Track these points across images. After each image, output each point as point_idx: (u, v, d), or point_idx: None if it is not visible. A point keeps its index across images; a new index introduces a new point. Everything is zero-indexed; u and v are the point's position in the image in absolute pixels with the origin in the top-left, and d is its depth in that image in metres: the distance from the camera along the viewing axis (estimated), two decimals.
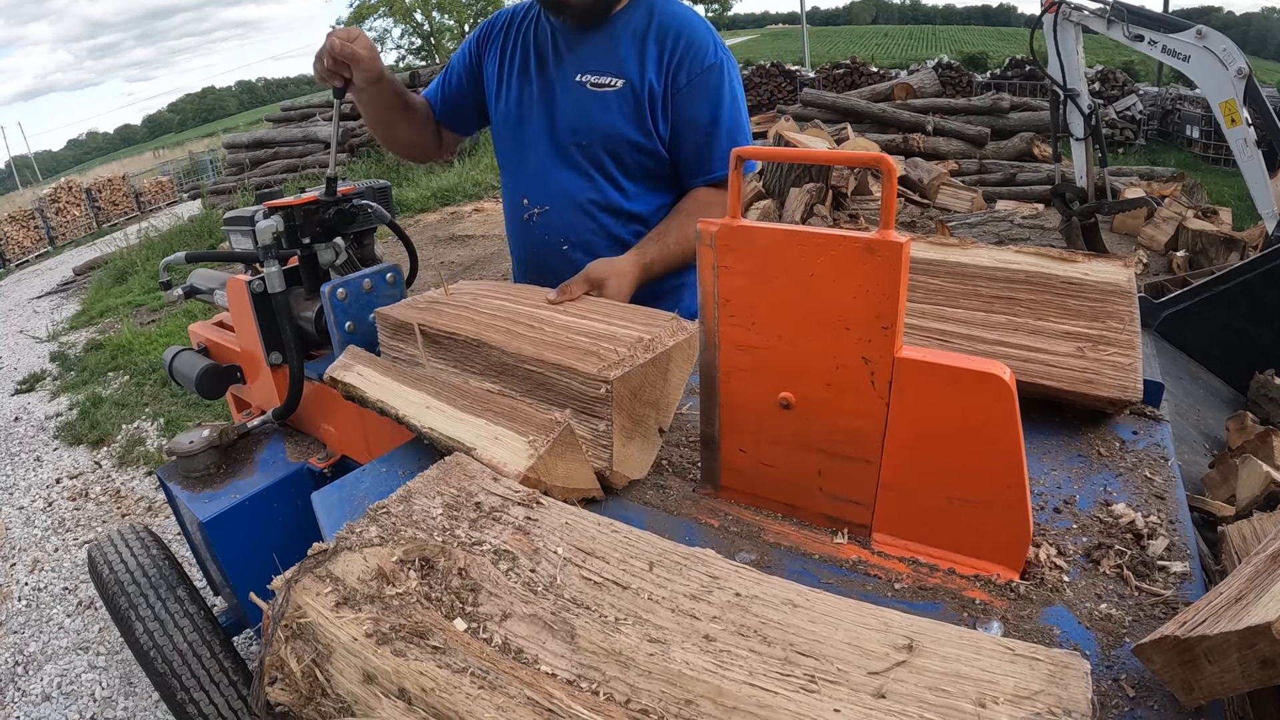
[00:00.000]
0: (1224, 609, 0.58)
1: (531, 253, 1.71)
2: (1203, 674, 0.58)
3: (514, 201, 1.71)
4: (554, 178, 1.63)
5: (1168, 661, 0.60)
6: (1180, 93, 13.23)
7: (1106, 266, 1.10)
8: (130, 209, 17.98)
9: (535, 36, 1.64)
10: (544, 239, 1.67)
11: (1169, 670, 0.60)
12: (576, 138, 1.59)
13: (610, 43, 1.56)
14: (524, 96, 1.64)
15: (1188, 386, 1.66)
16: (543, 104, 1.61)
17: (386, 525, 0.75)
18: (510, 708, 0.55)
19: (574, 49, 1.59)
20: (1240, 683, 0.56)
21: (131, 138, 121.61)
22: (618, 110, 1.56)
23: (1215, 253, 5.32)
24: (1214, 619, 0.58)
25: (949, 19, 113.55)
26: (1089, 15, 4.36)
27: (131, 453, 4.23)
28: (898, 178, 0.73)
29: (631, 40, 1.55)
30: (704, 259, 0.87)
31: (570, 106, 1.58)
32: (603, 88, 1.56)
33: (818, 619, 0.62)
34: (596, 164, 1.60)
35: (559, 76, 1.60)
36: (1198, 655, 0.57)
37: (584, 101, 1.57)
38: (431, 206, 10.47)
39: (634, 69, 1.54)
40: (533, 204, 1.67)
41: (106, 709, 2.37)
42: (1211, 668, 0.57)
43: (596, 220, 1.63)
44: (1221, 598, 0.60)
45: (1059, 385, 1.04)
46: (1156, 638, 0.61)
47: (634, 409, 0.99)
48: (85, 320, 7.83)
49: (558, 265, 1.65)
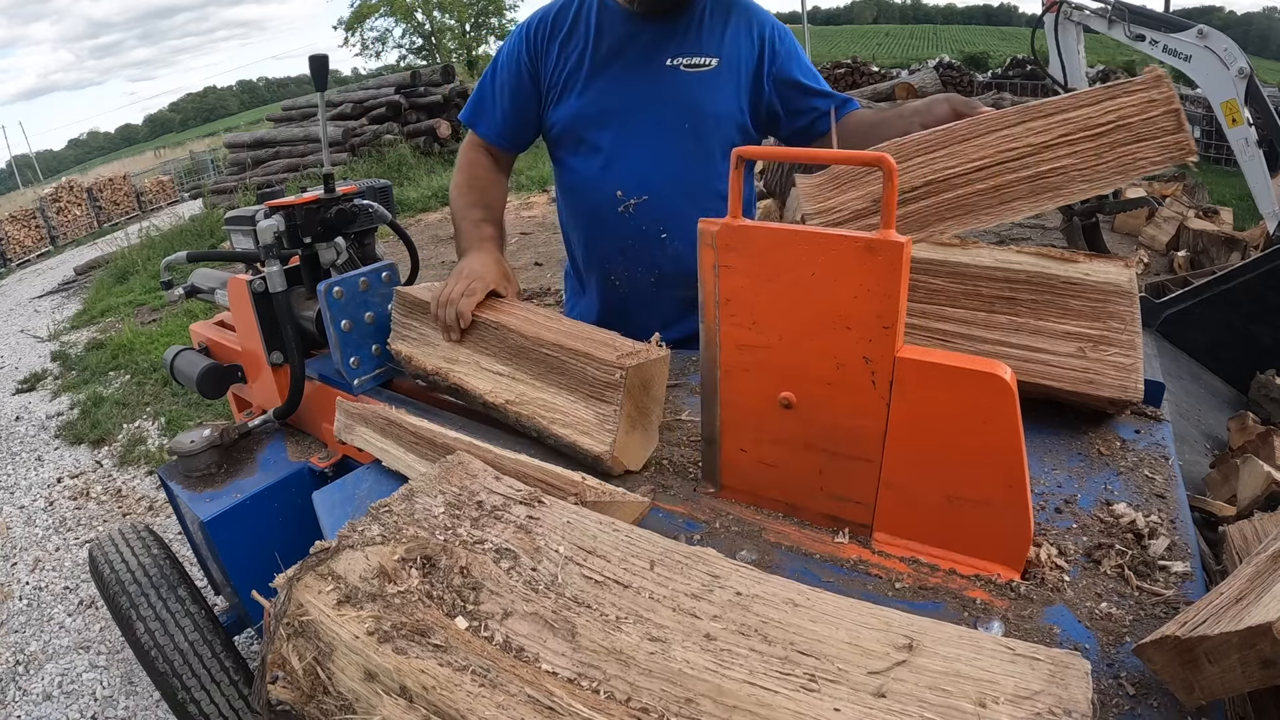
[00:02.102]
0: (1225, 609, 0.58)
1: (625, 246, 1.65)
2: (1203, 674, 0.58)
3: (601, 197, 1.63)
4: (657, 166, 1.58)
5: (1168, 661, 0.60)
6: (1181, 92, 13.21)
7: (1107, 267, 1.10)
8: (131, 208, 17.98)
9: (600, 29, 1.58)
10: (640, 230, 1.62)
11: (1169, 670, 0.60)
12: (684, 121, 1.56)
13: (688, 26, 1.56)
14: (610, 89, 1.57)
15: (1189, 387, 1.66)
16: (636, 93, 1.56)
17: (388, 524, 0.75)
18: (511, 706, 0.55)
19: (652, 36, 1.56)
20: (1241, 683, 0.56)
21: (133, 137, 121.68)
22: (720, 88, 1.56)
23: (1216, 253, 5.32)
24: (1214, 619, 0.58)
25: (950, 19, 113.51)
26: (1090, 15, 4.36)
27: (132, 452, 4.23)
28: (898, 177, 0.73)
29: (708, 21, 1.56)
30: (704, 259, 0.87)
31: (671, 91, 1.55)
32: (699, 68, 1.55)
33: (818, 618, 0.62)
34: (704, 146, 1.58)
35: (647, 65, 1.56)
36: (1198, 655, 0.57)
37: (685, 84, 1.55)
38: (432, 206, 10.47)
39: (727, 47, 1.55)
40: (628, 195, 1.60)
41: (107, 708, 2.37)
42: (1212, 668, 0.57)
43: (701, 204, 1.59)
44: (1222, 598, 0.60)
45: (1060, 385, 1.04)
46: (1157, 638, 0.61)
47: (640, 400, 1.03)
48: (86, 320, 7.84)
49: (655, 256, 1.63)
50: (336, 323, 1.40)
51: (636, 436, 1.04)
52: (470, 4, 34.65)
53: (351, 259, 1.59)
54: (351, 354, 1.43)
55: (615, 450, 1.00)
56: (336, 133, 12.67)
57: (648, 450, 1.07)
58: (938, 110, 1.34)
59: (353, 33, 35.40)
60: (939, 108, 1.34)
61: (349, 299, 1.41)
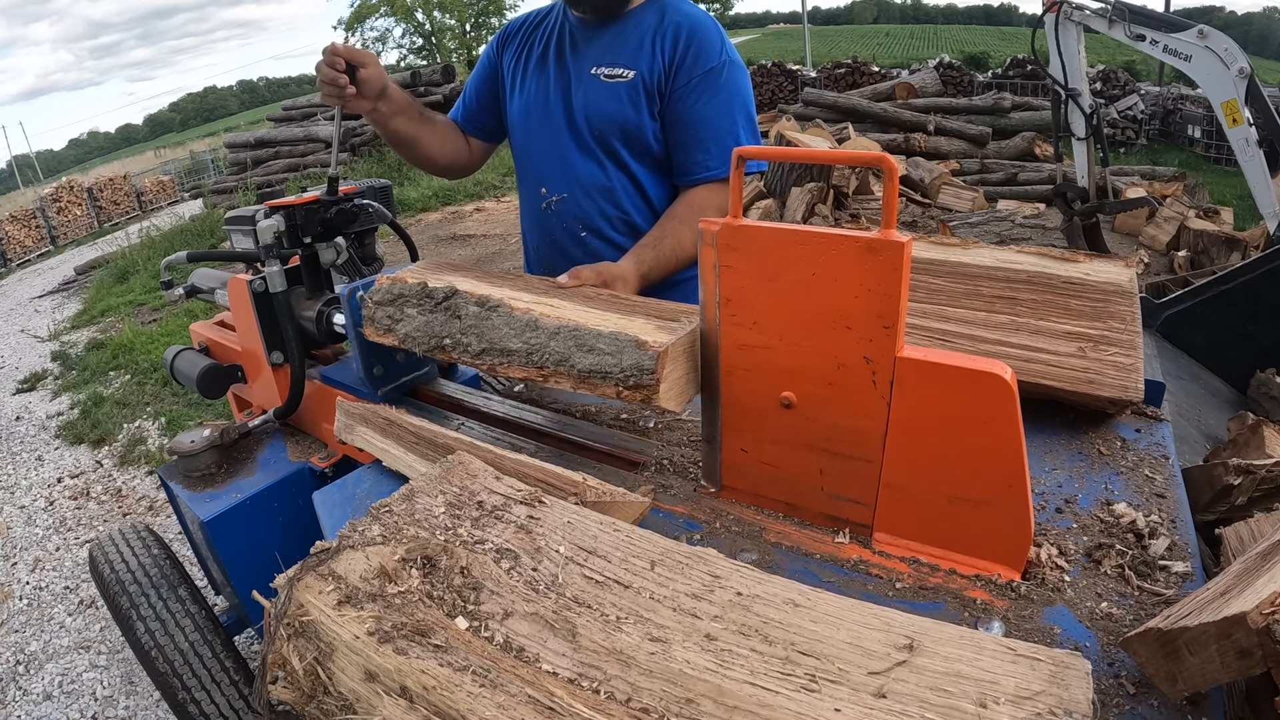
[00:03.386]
0: (1208, 603, 0.59)
1: (549, 241, 1.76)
2: (1184, 665, 0.58)
3: (532, 191, 1.76)
4: (571, 166, 1.68)
5: (1152, 654, 0.61)
6: (1182, 92, 13.22)
7: (1108, 266, 1.10)
8: (131, 208, 17.97)
9: (554, 34, 1.71)
10: (562, 227, 1.73)
11: (1153, 663, 0.61)
12: (592, 127, 1.64)
13: (623, 38, 1.62)
14: (541, 89, 1.70)
15: (1189, 387, 1.66)
16: (560, 95, 1.67)
17: (389, 524, 0.75)
18: (511, 706, 0.55)
19: (590, 44, 1.66)
20: (1220, 673, 0.56)
21: (133, 137, 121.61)
22: (628, 100, 1.61)
23: (1217, 253, 5.32)
24: (1196, 612, 0.58)
25: (950, 18, 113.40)
26: (1090, 15, 4.36)
27: (133, 452, 4.23)
28: (899, 177, 0.73)
29: (643, 37, 1.61)
30: (706, 258, 0.87)
31: (585, 97, 1.64)
32: (614, 79, 1.62)
33: (819, 618, 0.62)
34: (611, 152, 1.66)
35: (575, 70, 1.66)
36: (1179, 647, 0.58)
37: (598, 92, 1.63)
38: (433, 206, 10.48)
39: (644, 62, 1.60)
40: (551, 192, 1.71)
41: (108, 708, 2.37)
42: (1193, 659, 0.57)
43: (614, 206, 1.70)
44: (1208, 593, 0.61)
45: (1060, 385, 1.04)
46: (1141, 631, 0.61)
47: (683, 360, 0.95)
48: (86, 319, 7.83)
49: (575, 253, 1.72)
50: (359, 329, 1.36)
51: (682, 373, 0.94)
52: (470, 4, 34.64)
53: (352, 259, 1.59)
54: (375, 363, 1.40)
55: (669, 354, 0.89)
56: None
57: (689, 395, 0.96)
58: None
59: (353, 33, 35.38)
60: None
61: None
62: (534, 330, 1.01)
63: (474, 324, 1.08)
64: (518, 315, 1.04)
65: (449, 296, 1.14)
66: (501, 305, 1.07)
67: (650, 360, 0.89)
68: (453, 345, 1.10)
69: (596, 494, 0.90)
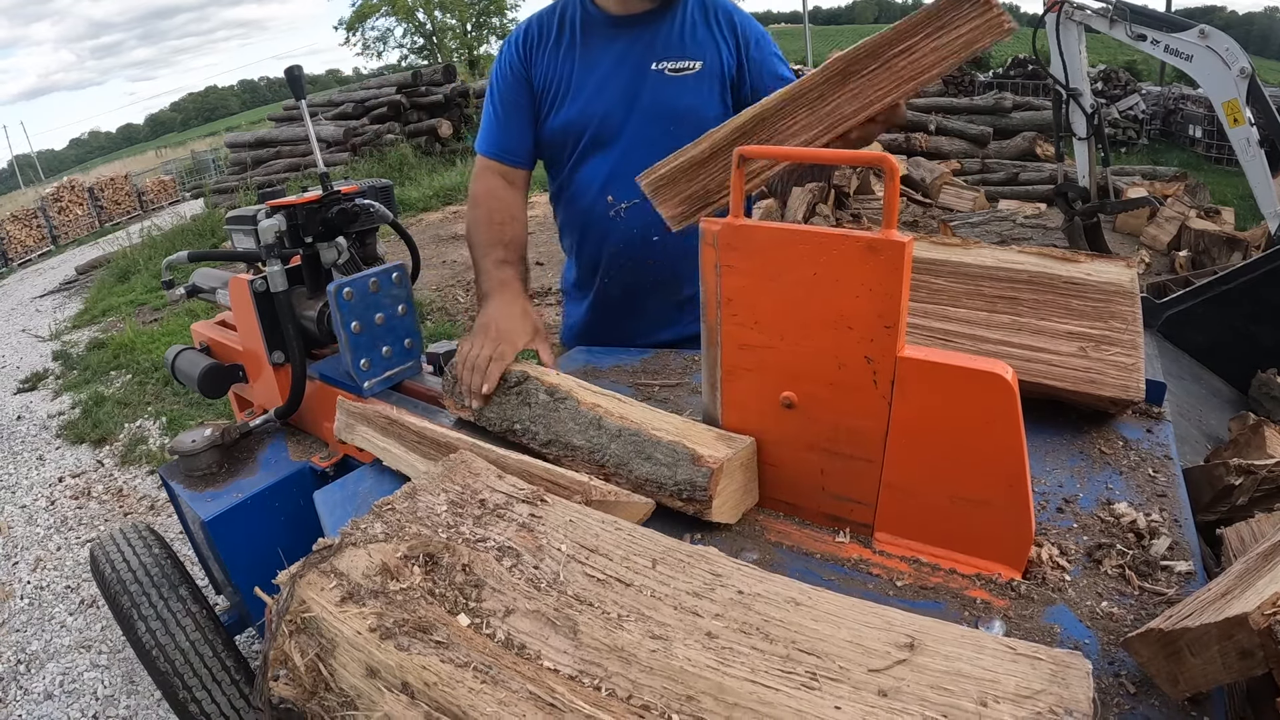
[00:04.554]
0: (1210, 604, 0.59)
1: (618, 249, 1.67)
2: (1186, 666, 0.58)
3: (592, 200, 1.65)
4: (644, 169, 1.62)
5: (1154, 654, 0.61)
6: (1183, 92, 13.20)
7: (1109, 267, 1.10)
8: (133, 208, 17.99)
9: (585, 35, 1.60)
10: (632, 233, 1.65)
11: (1155, 663, 0.61)
12: (667, 124, 1.57)
13: (672, 30, 1.57)
14: (598, 96, 1.59)
15: (1190, 387, 1.66)
16: (622, 98, 1.58)
17: (391, 521, 0.75)
18: (512, 702, 0.55)
19: (638, 41, 1.58)
20: (1221, 674, 0.56)
21: (134, 137, 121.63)
22: (702, 91, 1.57)
23: (1218, 253, 5.31)
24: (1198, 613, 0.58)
25: None
26: (1091, 14, 4.35)
27: (134, 451, 4.24)
28: (900, 177, 0.74)
29: (694, 25, 1.58)
30: (706, 258, 0.87)
31: (655, 95, 1.57)
32: (682, 72, 1.57)
33: (820, 617, 0.62)
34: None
35: (632, 69, 1.58)
36: (1181, 648, 0.58)
37: (667, 88, 1.57)
38: (434, 206, 10.47)
39: (709, 51, 1.57)
40: (619, 199, 1.63)
41: (109, 707, 2.38)
42: (1194, 660, 0.57)
43: None
44: (1210, 593, 0.61)
45: (1062, 385, 1.04)
46: (1143, 631, 0.61)
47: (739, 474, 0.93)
48: (88, 319, 7.84)
49: (650, 257, 1.65)
50: (347, 324, 1.39)
51: (739, 485, 0.92)
52: (471, 4, 34.66)
53: (353, 259, 1.59)
54: (362, 356, 1.42)
55: (724, 470, 0.88)
56: (337, 132, 12.67)
57: (747, 505, 0.95)
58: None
59: (354, 32, 35.42)
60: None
61: (359, 300, 1.41)
62: (597, 429, 1.03)
63: (542, 413, 1.11)
64: (584, 411, 1.06)
65: (521, 382, 1.18)
66: (569, 397, 1.10)
67: (704, 477, 0.88)
68: (522, 431, 1.13)
69: (601, 494, 0.90)
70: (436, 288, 6.51)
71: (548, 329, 1.49)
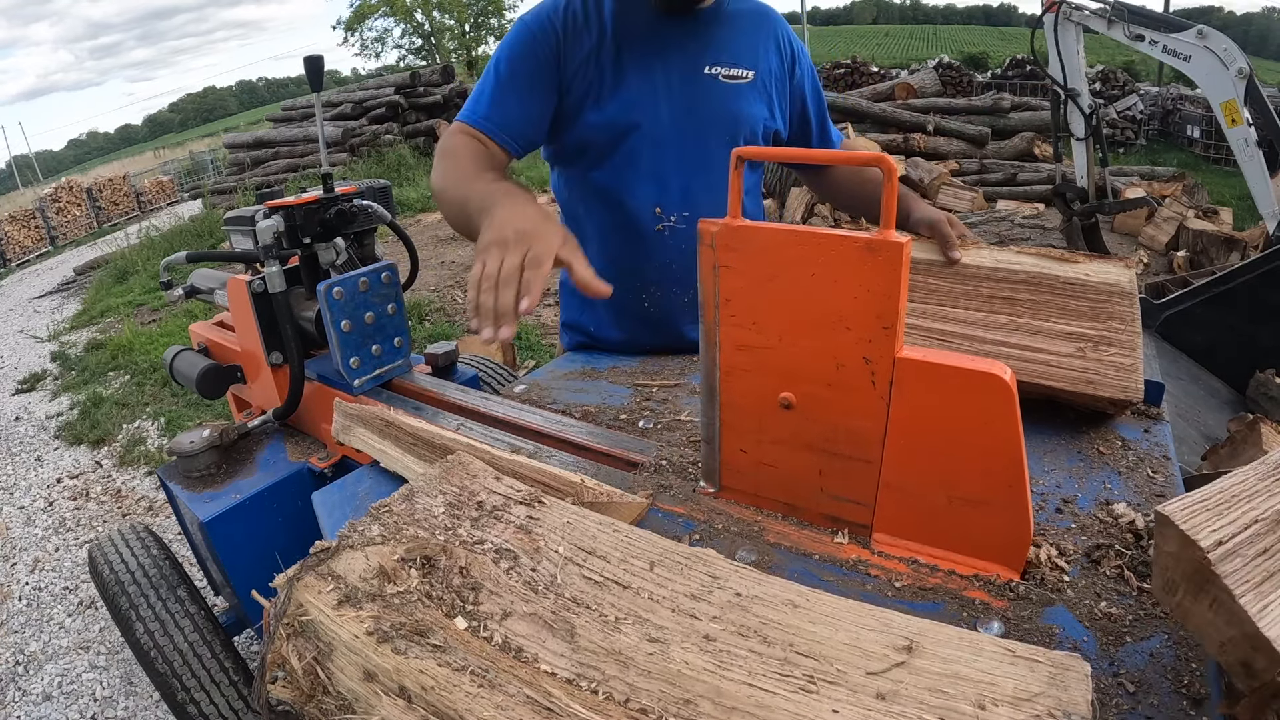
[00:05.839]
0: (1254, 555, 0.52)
1: (662, 264, 1.50)
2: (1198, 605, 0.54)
3: (638, 214, 1.46)
4: (700, 182, 1.45)
5: (1177, 560, 0.54)
6: (1181, 92, 13.23)
7: (1107, 267, 1.10)
8: (131, 209, 17.97)
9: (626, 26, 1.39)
10: (679, 249, 1.48)
11: (1174, 564, 0.55)
12: (725, 133, 1.43)
13: (718, 32, 1.42)
14: (647, 97, 1.40)
15: (1188, 387, 1.66)
16: (675, 103, 1.41)
17: (388, 524, 0.75)
18: (509, 706, 0.55)
19: (686, 40, 1.41)
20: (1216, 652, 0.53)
21: (132, 137, 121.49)
22: (756, 101, 1.45)
23: (1216, 253, 5.33)
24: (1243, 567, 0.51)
25: (949, 19, 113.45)
26: (1089, 15, 4.36)
27: (132, 452, 4.23)
28: (898, 177, 0.73)
29: (737, 29, 1.45)
30: (704, 259, 0.87)
31: (712, 102, 1.42)
32: (737, 79, 1.43)
33: (818, 619, 0.62)
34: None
35: (683, 71, 1.40)
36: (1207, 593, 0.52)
37: (723, 96, 1.42)
38: (432, 206, 10.46)
39: (761, 61, 1.46)
40: (668, 212, 1.46)
41: (107, 709, 2.37)
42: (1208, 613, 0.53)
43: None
44: (1254, 528, 0.54)
45: (1060, 385, 1.04)
46: (1189, 530, 0.53)
47: None
48: (86, 320, 7.83)
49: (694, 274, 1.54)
50: (336, 323, 1.40)
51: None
52: (470, 4, 34.68)
53: (351, 259, 1.59)
54: (352, 354, 1.43)
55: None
56: (336, 133, 12.67)
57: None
58: (923, 213, 1.31)
59: (352, 33, 35.45)
60: (928, 212, 1.31)
61: (349, 299, 1.41)
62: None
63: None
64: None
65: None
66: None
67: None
68: None
69: (594, 494, 0.90)
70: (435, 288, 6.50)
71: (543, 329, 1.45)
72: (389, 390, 1.49)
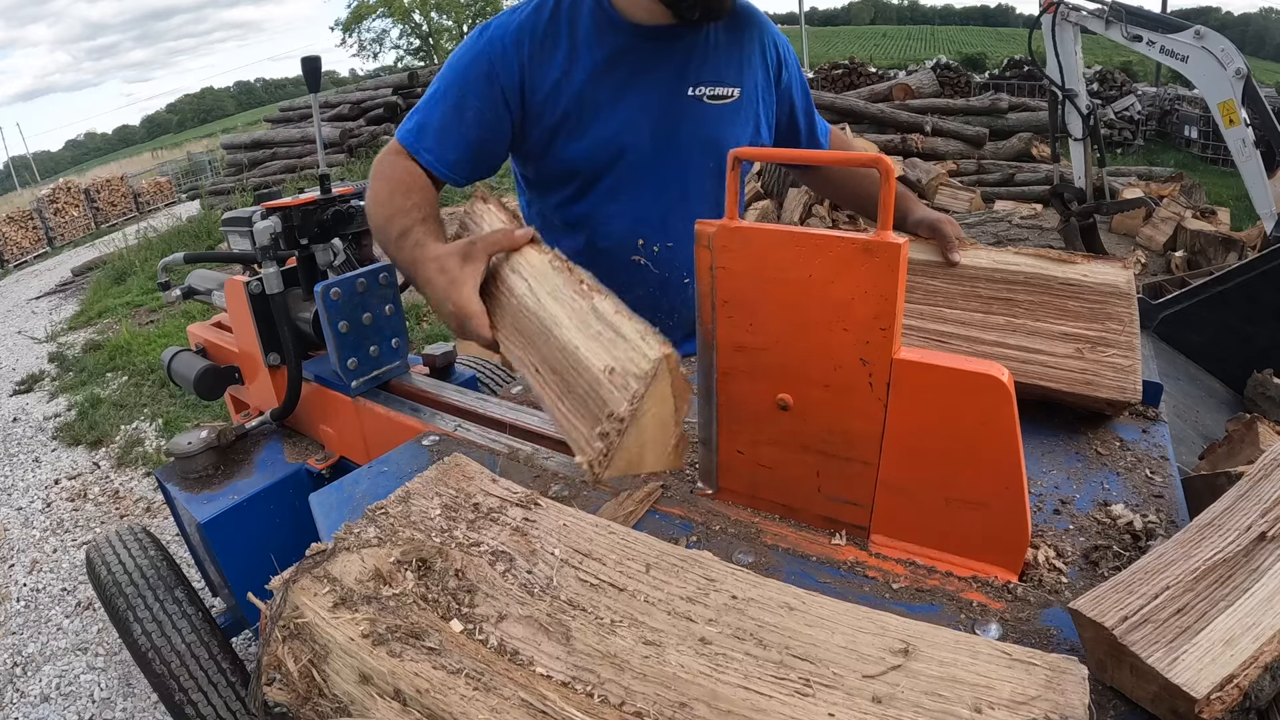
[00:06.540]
0: (1164, 612, 0.60)
1: (645, 294, 1.42)
2: (1121, 673, 0.60)
3: (618, 243, 1.40)
4: (684, 209, 1.38)
5: (1096, 641, 0.62)
6: (1179, 93, 13.25)
7: (1105, 268, 1.10)
8: (129, 209, 17.95)
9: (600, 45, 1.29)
10: (663, 278, 1.42)
11: (1095, 645, 0.62)
12: (708, 159, 1.37)
13: (703, 47, 1.34)
14: (629, 123, 1.32)
15: (1186, 388, 1.66)
16: (657, 128, 1.33)
17: (384, 526, 0.75)
18: (504, 709, 0.54)
19: (669, 59, 1.31)
20: (1149, 705, 0.58)
21: (130, 138, 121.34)
22: (741, 123, 1.38)
23: (1214, 253, 5.33)
24: (1152, 630, 0.59)
25: (947, 19, 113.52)
26: (1087, 15, 4.37)
27: (130, 454, 4.23)
28: (896, 178, 0.73)
29: (721, 41, 1.35)
30: (702, 260, 0.87)
31: (694, 126, 1.34)
32: (721, 100, 1.35)
33: (814, 622, 0.61)
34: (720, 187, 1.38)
35: (665, 93, 1.32)
36: (1124, 661, 0.59)
37: (707, 120, 1.34)
38: None
39: (748, 77, 1.38)
40: (652, 241, 1.39)
41: (105, 710, 2.37)
42: (1130, 677, 0.59)
43: None
44: (1166, 594, 0.62)
45: (1058, 386, 1.04)
46: (1095, 616, 0.61)
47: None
48: (84, 321, 7.82)
49: (676, 302, 1.44)
50: (334, 324, 1.40)
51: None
52: (468, 5, 34.68)
53: (348, 260, 1.59)
54: (349, 355, 1.43)
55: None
56: (333, 134, 12.66)
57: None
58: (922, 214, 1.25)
59: (350, 34, 35.45)
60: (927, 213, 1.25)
61: (346, 300, 1.41)
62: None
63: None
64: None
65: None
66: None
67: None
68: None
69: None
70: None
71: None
72: (386, 391, 1.49)
